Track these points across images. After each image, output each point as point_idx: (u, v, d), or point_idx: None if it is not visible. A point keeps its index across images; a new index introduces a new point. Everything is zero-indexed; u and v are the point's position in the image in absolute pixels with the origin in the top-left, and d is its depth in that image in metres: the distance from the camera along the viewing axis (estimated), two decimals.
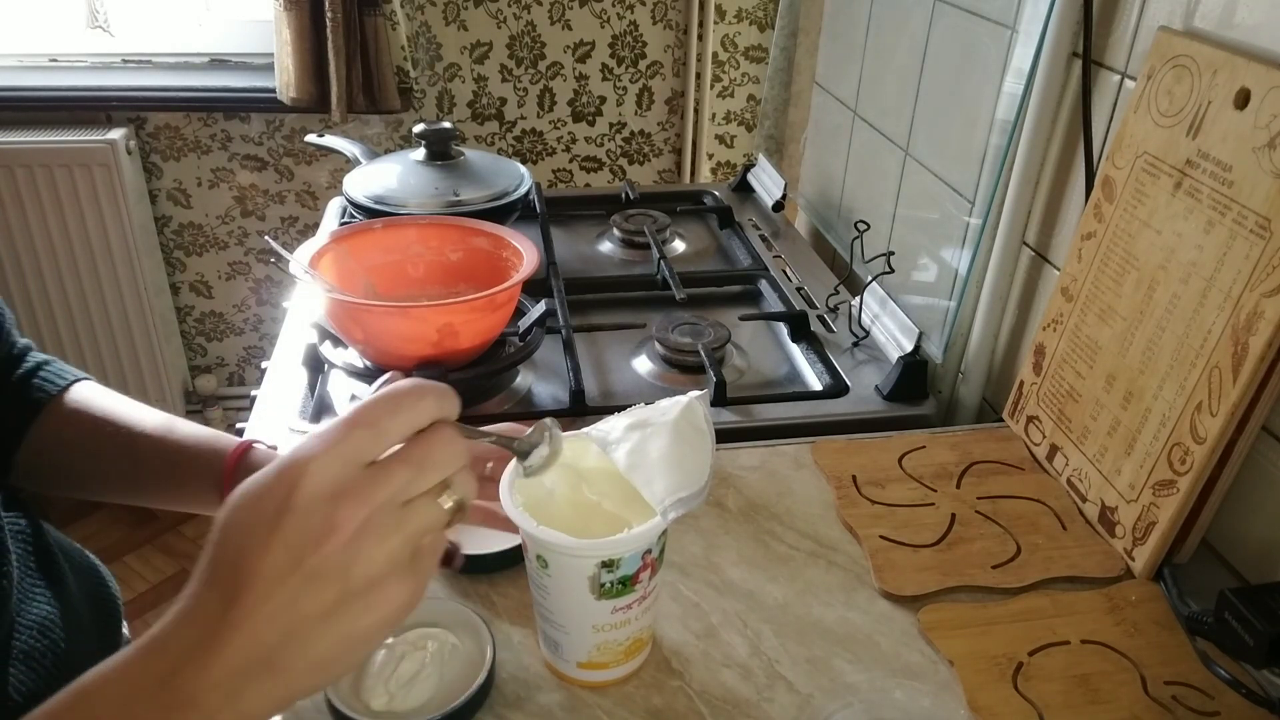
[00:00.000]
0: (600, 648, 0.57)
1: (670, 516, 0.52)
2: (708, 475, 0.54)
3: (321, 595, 0.37)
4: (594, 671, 0.58)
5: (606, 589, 0.54)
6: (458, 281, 0.95)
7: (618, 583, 0.54)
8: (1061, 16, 0.80)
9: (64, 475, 0.68)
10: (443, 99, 1.88)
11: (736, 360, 1.00)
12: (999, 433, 0.85)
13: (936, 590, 0.67)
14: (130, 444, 0.66)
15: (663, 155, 2.00)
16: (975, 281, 0.93)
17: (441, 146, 1.15)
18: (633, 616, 0.56)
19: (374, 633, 0.39)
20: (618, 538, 0.53)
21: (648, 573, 0.55)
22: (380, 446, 0.40)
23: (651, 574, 0.56)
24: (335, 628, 0.38)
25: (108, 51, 1.87)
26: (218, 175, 1.93)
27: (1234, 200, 0.63)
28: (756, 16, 1.87)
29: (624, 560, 0.53)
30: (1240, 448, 0.64)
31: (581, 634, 0.56)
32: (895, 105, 1.11)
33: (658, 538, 0.55)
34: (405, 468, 0.40)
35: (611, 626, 0.56)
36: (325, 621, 0.37)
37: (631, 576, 0.54)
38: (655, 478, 0.53)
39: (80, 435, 0.67)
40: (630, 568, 0.54)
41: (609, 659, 0.58)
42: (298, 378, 0.93)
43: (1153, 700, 0.58)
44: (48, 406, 0.66)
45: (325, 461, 0.38)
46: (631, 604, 0.56)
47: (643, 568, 0.54)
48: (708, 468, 0.55)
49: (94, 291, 1.92)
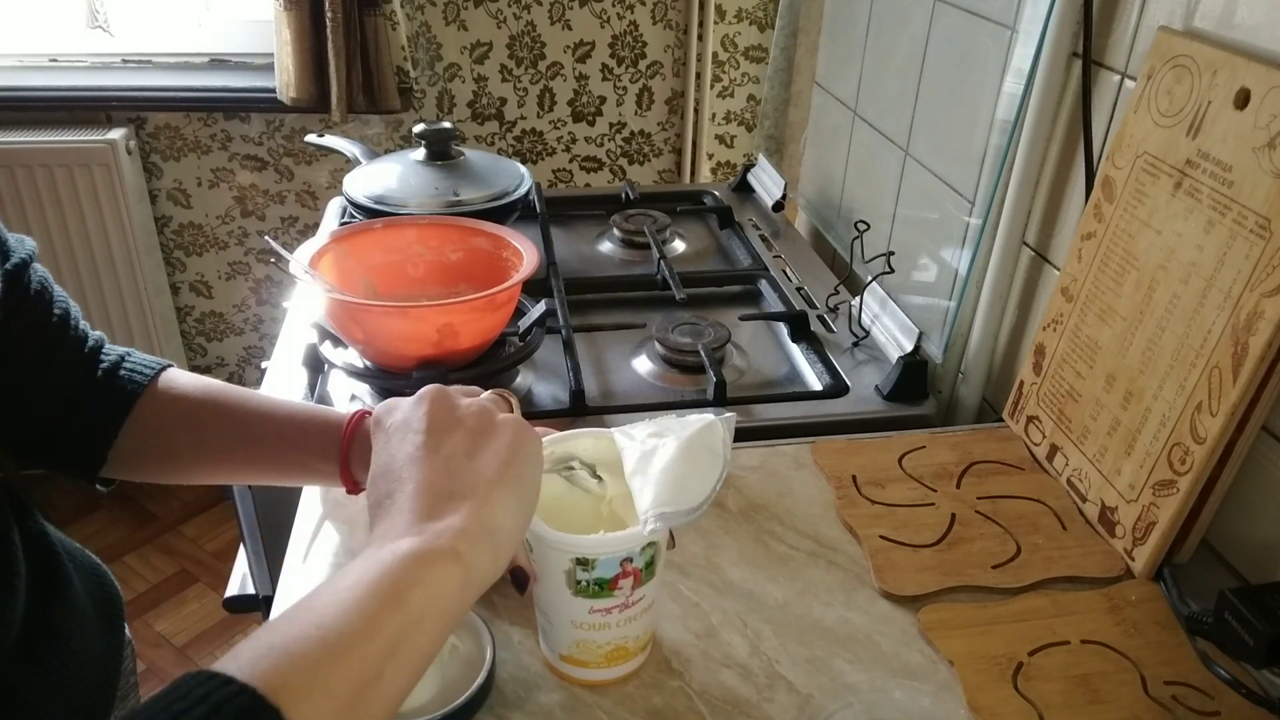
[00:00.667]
0: (579, 645, 0.57)
1: (649, 529, 0.52)
2: (704, 498, 0.53)
3: (458, 438, 0.51)
4: (575, 668, 0.59)
5: (582, 587, 0.54)
6: (458, 281, 0.96)
7: (594, 583, 0.54)
8: (1061, 16, 0.80)
9: (168, 460, 0.68)
10: (443, 99, 1.88)
11: (736, 360, 1.00)
12: (999, 433, 0.85)
13: (936, 590, 0.67)
14: (239, 421, 0.66)
15: (663, 155, 2.00)
16: (975, 281, 0.93)
17: (441, 146, 1.15)
18: (612, 622, 0.56)
19: (506, 452, 0.50)
20: (589, 538, 0.53)
21: (628, 581, 0.55)
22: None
23: (634, 583, 0.55)
24: (480, 454, 0.50)
25: (108, 51, 1.86)
26: (218, 175, 1.93)
27: (1234, 200, 0.63)
28: (756, 16, 1.87)
29: (599, 562, 0.53)
30: (1240, 448, 0.64)
31: (562, 627, 0.57)
32: (895, 105, 1.11)
33: (640, 549, 0.54)
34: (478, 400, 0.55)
35: (590, 626, 0.56)
36: (470, 455, 0.50)
37: (609, 580, 0.54)
38: (648, 488, 0.53)
39: (181, 419, 0.67)
40: (606, 571, 0.54)
41: (589, 658, 0.58)
42: (298, 378, 0.93)
43: (1153, 700, 0.59)
44: (143, 397, 0.67)
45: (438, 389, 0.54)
46: (611, 609, 0.55)
47: (623, 574, 0.54)
48: (708, 491, 0.54)
49: (94, 291, 1.92)
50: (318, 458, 0.65)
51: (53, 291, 0.66)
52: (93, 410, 0.66)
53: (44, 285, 0.65)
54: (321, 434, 0.65)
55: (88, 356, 0.67)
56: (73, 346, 0.66)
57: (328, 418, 0.66)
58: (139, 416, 0.66)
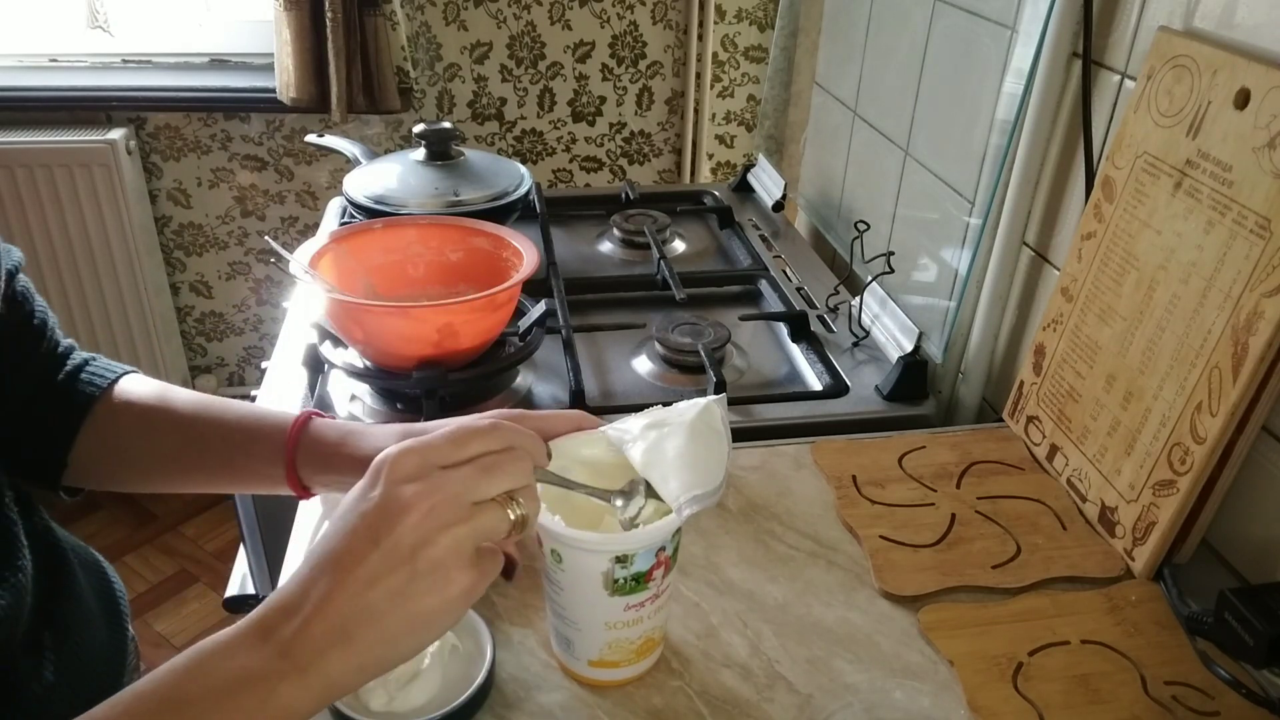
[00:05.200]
0: (612, 645, 0.57)
1: (685, 514, 0.53)
2: (723, 475, 0.55)
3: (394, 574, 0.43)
4: (605, 670, 0.58)
5: (620, 585, 0.54)
6: (458, 281, 0.95)
7: (631, 579, 0.54)
8: (1061, 16, 0.80)
9: (122, 468, 0.68)
10: (443, 99, 1.88)
11: (736, 360, 1.00)
12: (999, 433, 0.85)
13: (936, 590, 0.67)
14: (187, 428, 0.65)
15: (663, 155, 2.00)
16: (975, 281, 0.93)
17: (441, 146, 1.15)
18: (645, 614, 0.56)
19: (436, 615, 0.44)
20: (632, 533, 0.53)
21: (661, 570, 0.55)
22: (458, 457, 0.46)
23: (665, 571, 0.56)
24: (403, 606, 0.43)
25: (108, 51, 1.86)
26: (218, 175, 1.93)
27: (1234, 200, 0.63)
28: (756, 16, 1.87)
29: (638, 556, 0.53)
30: (1240, 448, 0.64)
31: (593, 631, 0.57)
32: (895, 105, 1.11)
33: (673, 535, 0.55)
34: (474, 469, 0.46)
35: (624, 624, 0.56)
36: (395, 599, 0.43)
37: (645, 573, 0.54)
38: (671, 476, 0.54)
39: (135, 426, 0.66)
40: (644, 564, 0.54)
41: (620, 657, 0.58)
42: (298, 378, 0.93)
43: (1153, 700, 0.58)
44: (98, 402, 0.66)
45: (407, 457, 0.45)
46: (644, 601, 0.56)
47: (656, 564, 0.54)
48: (723, 468, 0.55)
49: (94, 291, 1.92)
50: (266, 461, 0.63)
51: (34, 302, 0.66)
52: (51, 416, 0.65)
53: (26, 296, 0.65)
54: (269, 438, 0.63)
55: (54, 364, 0.67)
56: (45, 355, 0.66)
57: (276, 421, 0.64)
58: (94, 423, 0.66)
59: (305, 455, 0.62)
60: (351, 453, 0.61)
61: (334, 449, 0.62)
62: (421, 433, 0.60)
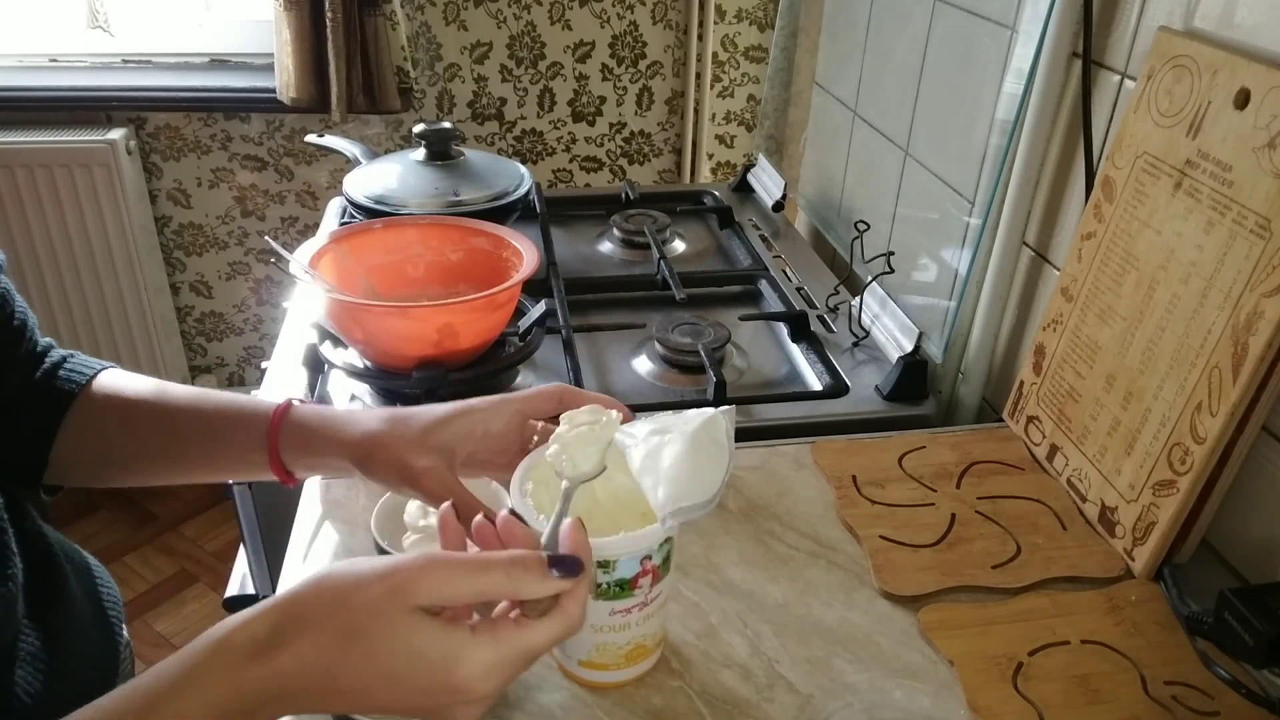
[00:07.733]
0: (599, 648, 0.57)
1: (668, 525, 0.52)
2: (716, 490, 0.53)
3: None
4: (594, 671, 0.58)
5: (604, 590, 0.54)
6: (458, 281, 0.95)
7: (615, 585, 0.54)
8: (1061, 16, 0.80)
9: (104, 464, 0.68)
10: (443, 99, 1.88)
11: (736, 360, 1.00)
12: (999, 433, 0.85)
13: (936, 590, 0.67)
14: (167, 419, 0.65)
15: (663, 155, 2.00)
16: (975, 281, 0.93)
17: (441, 146, 1.15)
18: (633, 621, 0.56)
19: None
20: (610, 539, 0.53)
21: (648, 579, 0.55)
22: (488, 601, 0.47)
23: (653, 580, 0.55)
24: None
25: (108, 51, 1.86)
26: (218, 175, 1.93)
27: (1234, 200, 0.63)
28: (756, 16, 1.87)
29: (619, 563, 0.53)
30: (1240, 448, 0.64)
31: (581, 632, 0.56)
32: (895, 105, 1.11)
33: (659, 545, 0.54)
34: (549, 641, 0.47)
35: (610, 629, 0.56)
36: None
37: (629, 580, 0.54)
38: (662, 484, 0.53)
39: (114, 420, 0.66)
40: (627, 571, 0.54)
41: (609, 660, 0.58)
42: (298, 378, 0.93)
43: (1153, 700, 0.59)
44: (77, 399, 0.66)
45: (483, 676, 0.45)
46: (631, 608, 0.55)
47: (642, 573, 0.54)
48: (719, 482, 0.54)
49: (94, 291, 1.92)
50: (248, 448, 0.63)
51: (14, 304, 0.66)
52: (31, 413, 0.65)
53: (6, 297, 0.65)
54: (250, 425, 0.64)
55: (32, 362, 0.67)
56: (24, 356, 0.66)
57: (256, 408, 0.65)
58: (75, 418, 0.65)
59: (287, 440, 0.63)
60: (333, 436, 0.62)
61: (315, 433, 0.63)
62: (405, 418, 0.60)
